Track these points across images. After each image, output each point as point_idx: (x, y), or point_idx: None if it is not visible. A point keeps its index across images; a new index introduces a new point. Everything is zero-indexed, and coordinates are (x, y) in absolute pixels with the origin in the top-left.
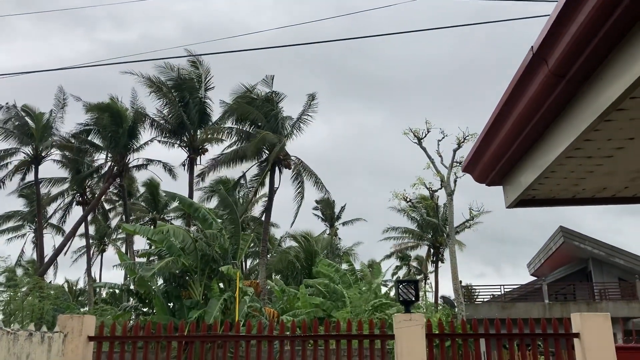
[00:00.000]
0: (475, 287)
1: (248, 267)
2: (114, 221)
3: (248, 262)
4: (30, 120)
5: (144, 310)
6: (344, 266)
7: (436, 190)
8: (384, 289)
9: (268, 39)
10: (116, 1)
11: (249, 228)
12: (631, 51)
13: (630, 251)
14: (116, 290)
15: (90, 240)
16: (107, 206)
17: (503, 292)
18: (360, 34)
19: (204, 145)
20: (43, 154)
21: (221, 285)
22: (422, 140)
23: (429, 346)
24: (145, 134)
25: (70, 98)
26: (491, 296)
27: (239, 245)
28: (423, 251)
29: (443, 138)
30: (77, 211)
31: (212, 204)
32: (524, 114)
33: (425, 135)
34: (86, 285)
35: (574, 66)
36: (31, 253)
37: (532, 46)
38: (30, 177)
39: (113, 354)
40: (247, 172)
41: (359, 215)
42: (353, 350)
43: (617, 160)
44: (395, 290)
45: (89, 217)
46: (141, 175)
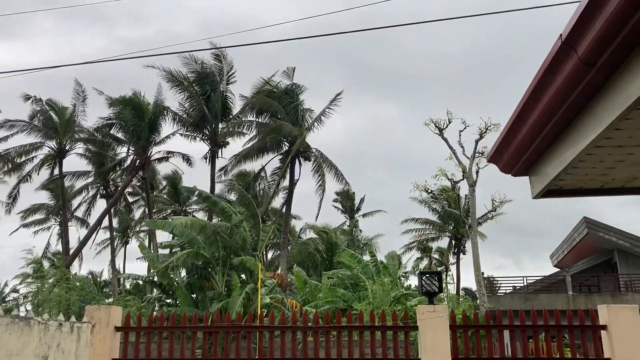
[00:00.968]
0: (496, 279)
1: (269, 259)
2: (137, 213)
3: (269, 254)
4: (54, 115)
5: (167, 301)
6: (366, 257)
7: (458, 182)
8: (405, 281)
9: (283, 34)
10: None
11: (269, 220)
12: None
13: None
14: (140, 282)
15: (114, 233)
16: (131, 199)
17: (525, 284)
18: (375, 26)
19: (225, 138)
20: (67, 148)
21: (243, 276)
22: (444, 131)
23: (453, 338)
24: (168, 127)
25: (91, 92)
26: (513, 288)
27: (260, 237)
28: (444, 243)
29: (465, 129)
30: (101, 204)
31: (234, 196)
32: (552, 103)
33: (447, 126)
34: (110, 277)
35: (604, 54)
36: (55, 244)
37: (561, 34)
38: (55, 171)
39: (139, 344)
40: (267, 165)
41: (378, 207)
42: (376, 342)
43: None
44: (419, 282)
45: (112, 210)
46: (163, 168)
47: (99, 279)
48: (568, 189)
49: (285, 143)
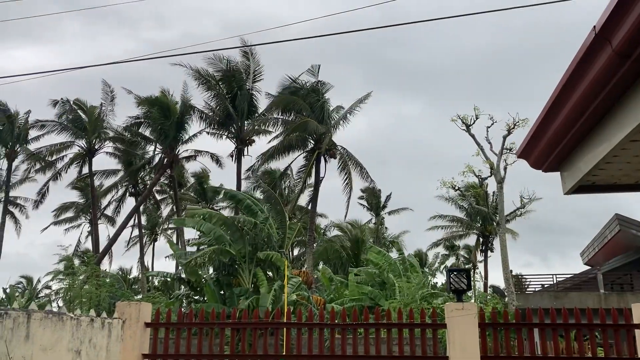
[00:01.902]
0: (525, 277)
1: (294, 256)
2: (165, 211)
3: (295, 251)
4: (82, 114)
5: (195, 298)
6: (394, 254)
7: (485, 178)
8: (431, 279)
9: (305, 32)
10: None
11: (295, 217)
12: None
13: None
14: (168, 279)
15: (143, 230)
16: (158, 197)
17: (555, 282)
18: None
19: (251, 136)
20: (96, 147)
21: (270, 273)
22: (471, 127)
23: (482, 335)
24: (195, 125)
25: (119, 91)
26: (542, 286)
27: (286, 234)
28: (472, 240)
29: (492, 124)
30: (130, 202)
31: (261, 194)
32: (585, 97)
33: (474, 122)
34: (139, 274)
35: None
36: (84, 242)
37: (595, 26)
38: (85, 169)
39: (169, 339)
40: (293, 163)
41: (402, 205)
42: (404, 339)
43: None
44: (447, 279)
45: (141, 208)
46: (191, 166)
47: (128, 276)
48: (601, 185)
49: (311, 141)
